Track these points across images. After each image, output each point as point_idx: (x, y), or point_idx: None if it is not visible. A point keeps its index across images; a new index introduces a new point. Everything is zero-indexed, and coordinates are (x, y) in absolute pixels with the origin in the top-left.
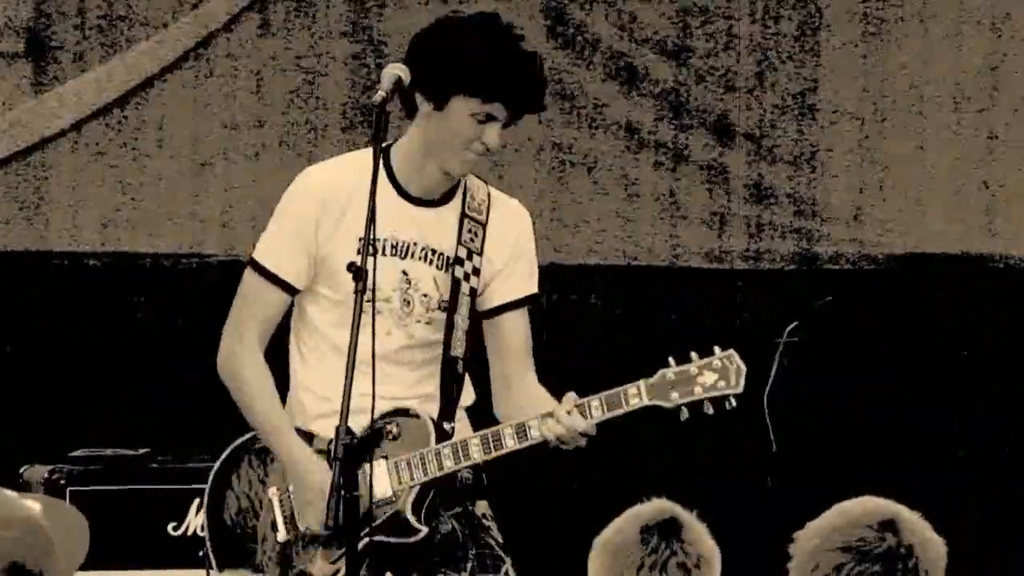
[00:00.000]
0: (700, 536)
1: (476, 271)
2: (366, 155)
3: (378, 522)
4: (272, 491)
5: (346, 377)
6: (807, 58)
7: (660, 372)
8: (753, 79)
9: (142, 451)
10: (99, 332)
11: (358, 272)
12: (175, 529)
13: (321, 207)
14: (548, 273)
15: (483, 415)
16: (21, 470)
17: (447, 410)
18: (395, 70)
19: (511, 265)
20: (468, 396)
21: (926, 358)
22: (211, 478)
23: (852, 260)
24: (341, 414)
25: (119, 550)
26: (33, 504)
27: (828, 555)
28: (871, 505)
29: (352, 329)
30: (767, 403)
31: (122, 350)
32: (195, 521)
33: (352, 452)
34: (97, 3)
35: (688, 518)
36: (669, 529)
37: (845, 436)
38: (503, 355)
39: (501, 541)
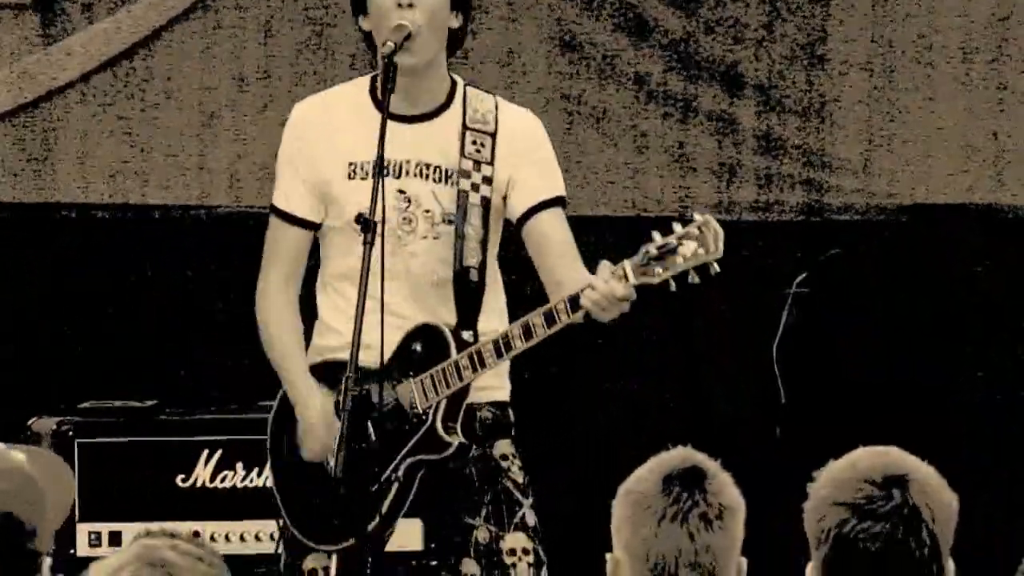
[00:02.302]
0: (724, 486)
1: (487, 180)
2: (351, 84)
3: (413, 441)
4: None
5: (354, 331)
6: (816, 9)
7: (642, 249)
8: (762, 30)
9: (150, 403)
10: (107, 284)
11: (367, 223)
12: (183, 481)
13: (306, 135)
14: None
15: None
16: (29, 422)
17: (465, 319)
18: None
19: (529, 170)
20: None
21: (935, 308)
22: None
23: (861, 211)
24: (350, 364)
25: (127, 502)
26: (17, 454)
27: (835, 509)
28: (883, 459)
29: (361, 278)
30: (776, 354)
31: (130, 302)
32: (203, 473)
33: (361, 403)
34: None
35: (713, 468)
36: (692, 479)
37: (854, 387)
38: (545, 255)
39: (521, 481)
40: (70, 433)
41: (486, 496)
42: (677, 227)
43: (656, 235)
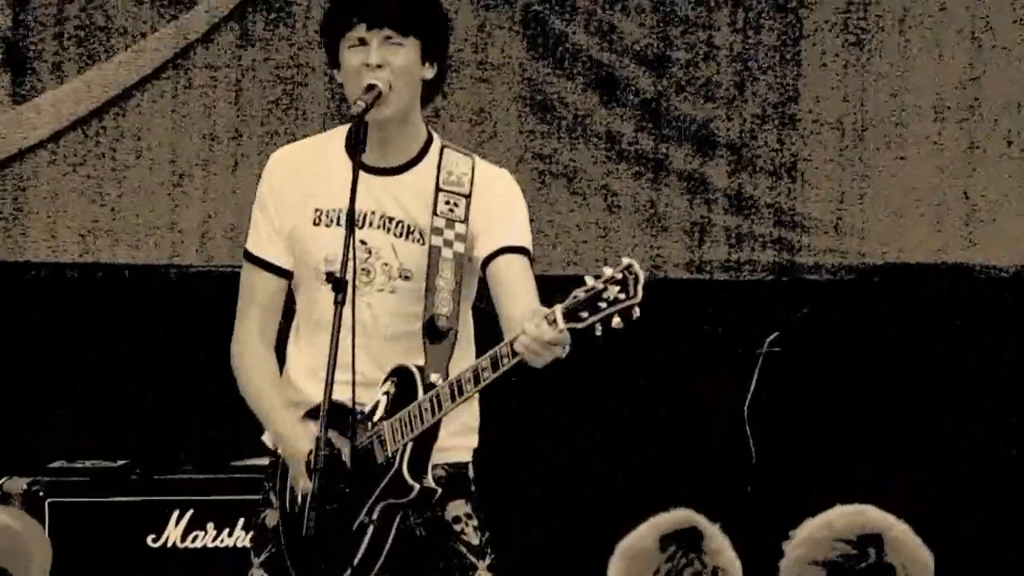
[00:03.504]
0: (721, 549)
1: (460, 236)
2: (329, 133)
3: (381, 486)
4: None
5: (326, 386)
6: (788, 68)
7: (572, 294)
8: (733, 89)
9: (121, 462)
10: (78, 343)
11: (337, 282)
12: (154, 541)
13: (278, 180)
14: None
15: None
16: (0, 482)
17: (435, 362)
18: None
19: (496, 220)
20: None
21: (906, 368)
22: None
23: (833, 270)
24: (321, 425)
25: (98, 562)
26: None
27: (810, 569)
28: (858, 517)
29: (332, 336)
30: (747, 413)
31: (101, 361)
32: (174, 533)
33: (333, 463)
34: (76, 13)
35: (711, 529)
36: (688, 539)
37: (825, 446)
38: (502, 296)
39: (477, 543)
40: (41, 493)
41: (439, 562)
42: (606, 270)
43: (588, 279)
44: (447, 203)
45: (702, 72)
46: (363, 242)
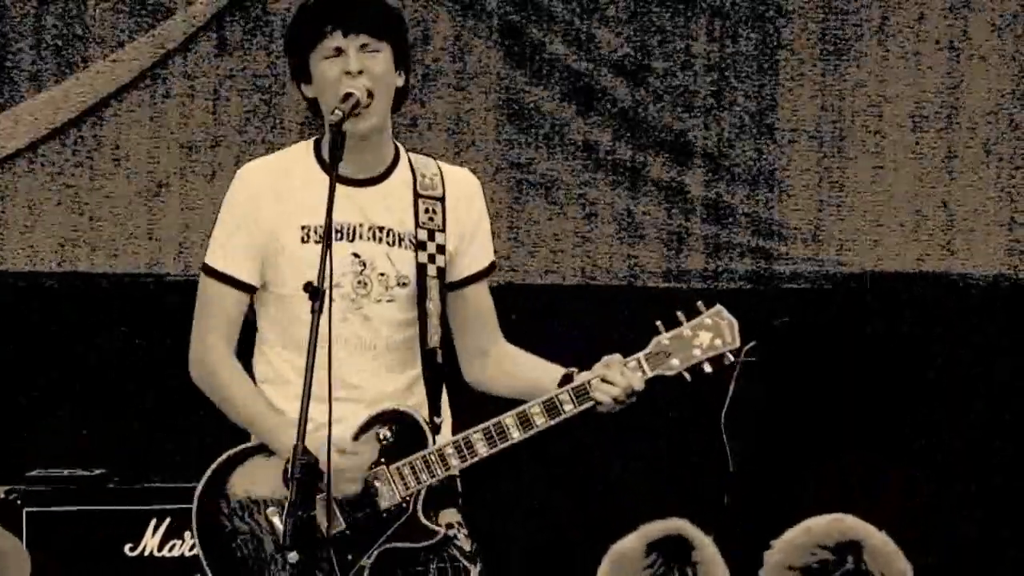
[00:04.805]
0: (707, 561)
1: (442, 248)
2: (295, 148)
3: (392, 530)
4: (270, 511)
5: (303, 399)
6: (765, 77)
7: (654, 341)
8: (711, 98)
9: (98, 471)
10: (56, 352)
11: (315, 292)
12: (131, 550)
13: (257, 195)
14: (506, 293)
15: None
16: None
17: (434, 404)
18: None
19: (472, 236)
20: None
21: (885, 376)
22: (196, 507)
23: (811, 279)
24: (298, 434)
25: (76, 571)
26: None
27: (788, 573)
28: (838, 525)
29: (309, 347)
30: (724, 423)
31: (79, 370)
32: (151, 542)
33: (310, 472)
34: (53, 23)
35: (701, 541)
36: (673, 547)
37: (804, 455)
38: (473, 325)
39: (469, 549)
40: (18, 501)
41: (431, 565)
42: (683, 317)
43: (662, 327)
44: (427, 211)
45: (680, 81)
46: (356, 255)
